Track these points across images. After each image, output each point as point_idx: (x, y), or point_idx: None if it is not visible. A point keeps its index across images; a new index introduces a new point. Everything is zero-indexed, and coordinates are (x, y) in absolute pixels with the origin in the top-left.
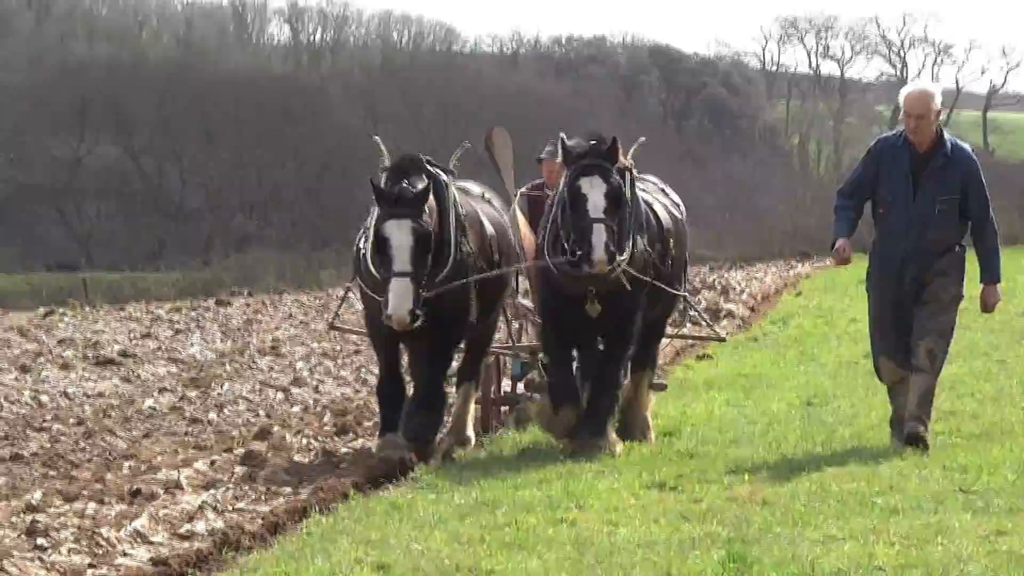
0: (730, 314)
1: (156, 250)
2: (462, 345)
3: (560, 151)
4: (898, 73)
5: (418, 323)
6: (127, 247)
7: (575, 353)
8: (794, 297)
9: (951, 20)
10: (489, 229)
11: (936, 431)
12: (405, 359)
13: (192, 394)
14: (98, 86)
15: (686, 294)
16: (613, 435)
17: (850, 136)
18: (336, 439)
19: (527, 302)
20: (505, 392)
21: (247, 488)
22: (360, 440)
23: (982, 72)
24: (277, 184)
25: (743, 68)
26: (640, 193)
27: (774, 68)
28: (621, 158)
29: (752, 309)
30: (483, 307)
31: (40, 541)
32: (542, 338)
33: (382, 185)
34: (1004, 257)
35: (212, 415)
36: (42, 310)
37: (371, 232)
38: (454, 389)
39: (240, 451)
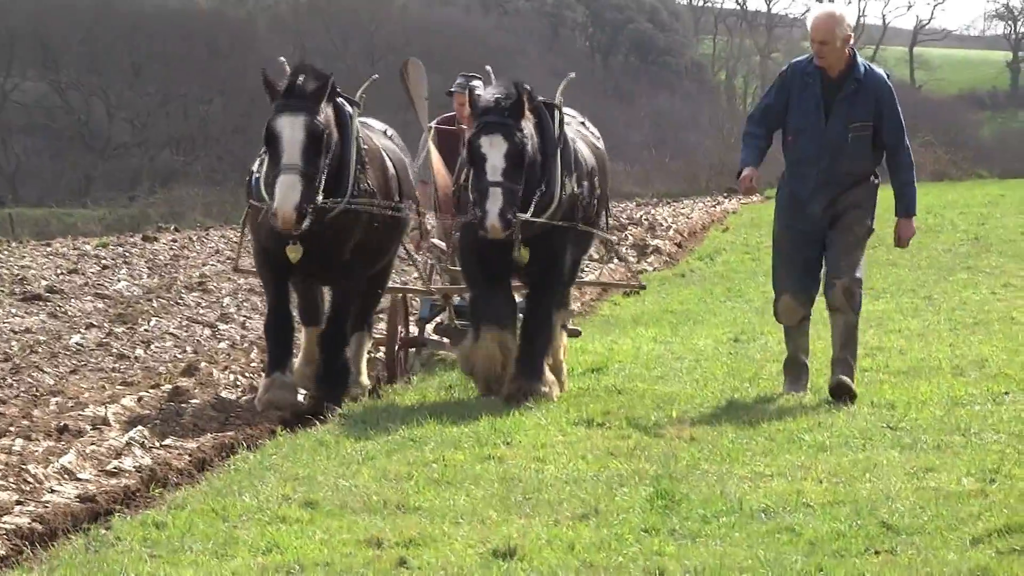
0: (657, 250)
1: (83, 185)
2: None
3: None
4: (833, 5)
5: (305, 225)
6: (53, 182)
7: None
8: (721, 233)
9: None
10: (391, 168)
11: (863, 367)
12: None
13: (119, 330)
14: (25, 20)
15: (611, 237)
16: (550, 376)
17: (777, 72)
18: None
19: (439, 242)
20: (412, 335)
21: (174, 424)
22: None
23: (908, 7)
24: (204, 119)
25: (669, 3)
26: (569, 131)
27: (701, 3)
28: (556, 98)
29: (679, 245)
30: (377, 250)
31: None
32: (466, 276)
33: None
34: (931, 194)
35: (139, 351)
36: None
37: (264, 131)
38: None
39: (167, 387)
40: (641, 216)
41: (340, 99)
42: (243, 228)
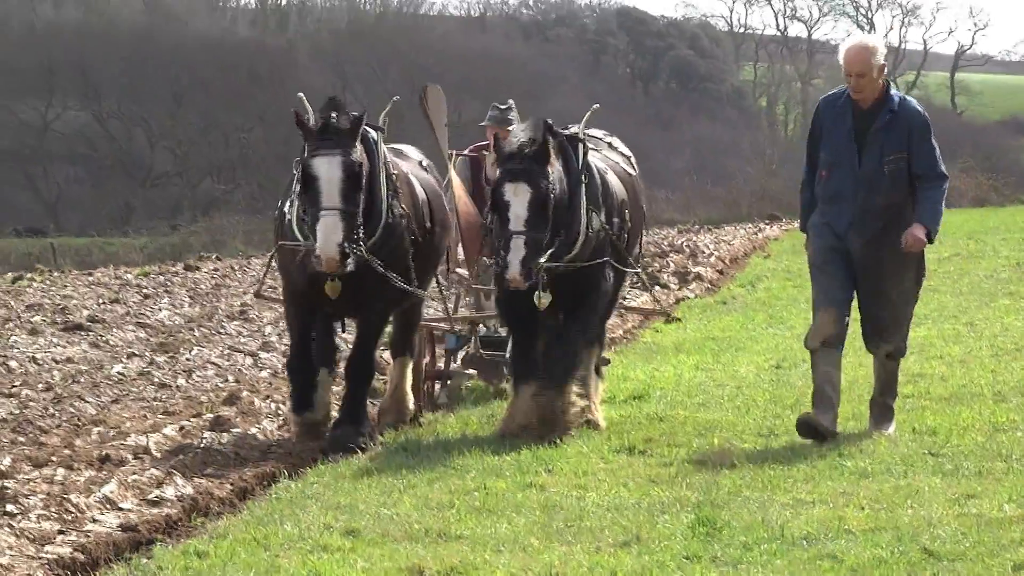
0: (698, 277)
1: (124, 214)
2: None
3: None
4: (866, 34)
5: (350, 266)
6: (95, 212)
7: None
8: (763, 260)
9: None
10: (421, 194)
11: (905, 394)
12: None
13: (161, 359)
14: (66, 50)
15: (638, 270)
16: (577, 402)
17: (818, 98)
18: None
19: (464, 271)
20: (439, 368)
21: (216, 454)
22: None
23: (950, 33)
24: (244, 147)
25: (710, 30)
26: (595, 161)
27: (741, 30)
28: (580, 130)
29: (720, 272)
30: (415, 278)
31: (9, 507)
32: (500, 312)
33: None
34: (972, 219)
35: (181, 380)
36: (10, 275)
37: (298, 171)
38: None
39: (209, 416)
40: (682, 243)
41: (364, 127)
42: (268, 263)
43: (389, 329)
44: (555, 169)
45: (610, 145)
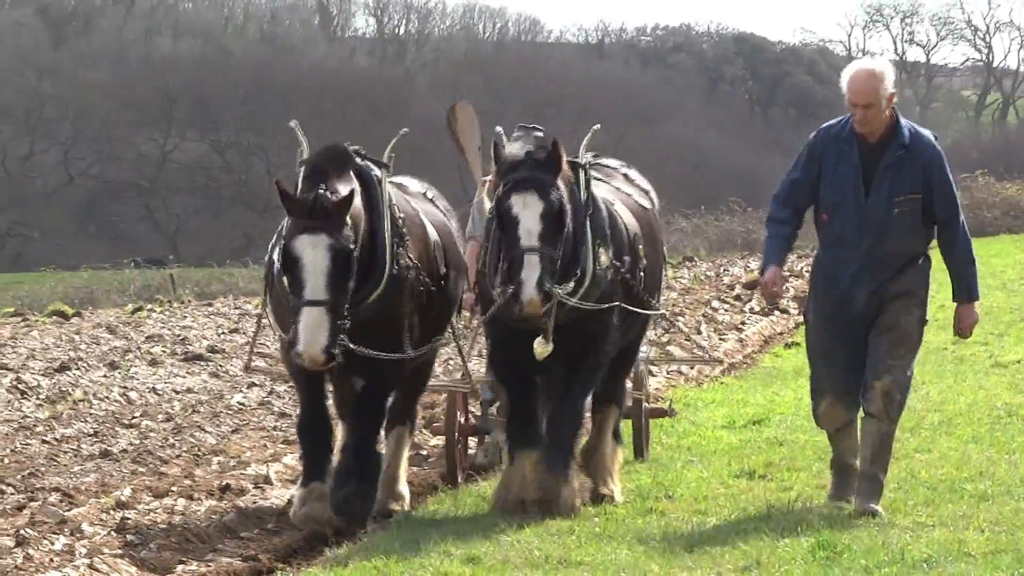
0: None
1: (243, 245)
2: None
3: (492, 157)
4: (984, 58)
5: (336, 361)
6: (214, 242)
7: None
8: None
9: None
10: (433, 235)
11: (1023, 416)
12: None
13: (280, 389)
14: (184, 81)
15: (664, 311)
16: (576, 483)
17: (936, 122)
18: (424, 432)
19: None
20: (473, 421)
21: None
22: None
23: None
24: None
25: (828, 56)
26: (601, 192)
27: (859, 55)
28: (580, 154)
29: None
30: (424, 334)
31: (130, 538)
32: (493, 369)
33: (296, 190)
34: None
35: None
36: (130, 306)
37: (280, 248)
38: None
39: None
40: (802, 268)
41: (365, 163)
42: (257, 330)
43: None
44: (563, 185)
45: (626, 176)
